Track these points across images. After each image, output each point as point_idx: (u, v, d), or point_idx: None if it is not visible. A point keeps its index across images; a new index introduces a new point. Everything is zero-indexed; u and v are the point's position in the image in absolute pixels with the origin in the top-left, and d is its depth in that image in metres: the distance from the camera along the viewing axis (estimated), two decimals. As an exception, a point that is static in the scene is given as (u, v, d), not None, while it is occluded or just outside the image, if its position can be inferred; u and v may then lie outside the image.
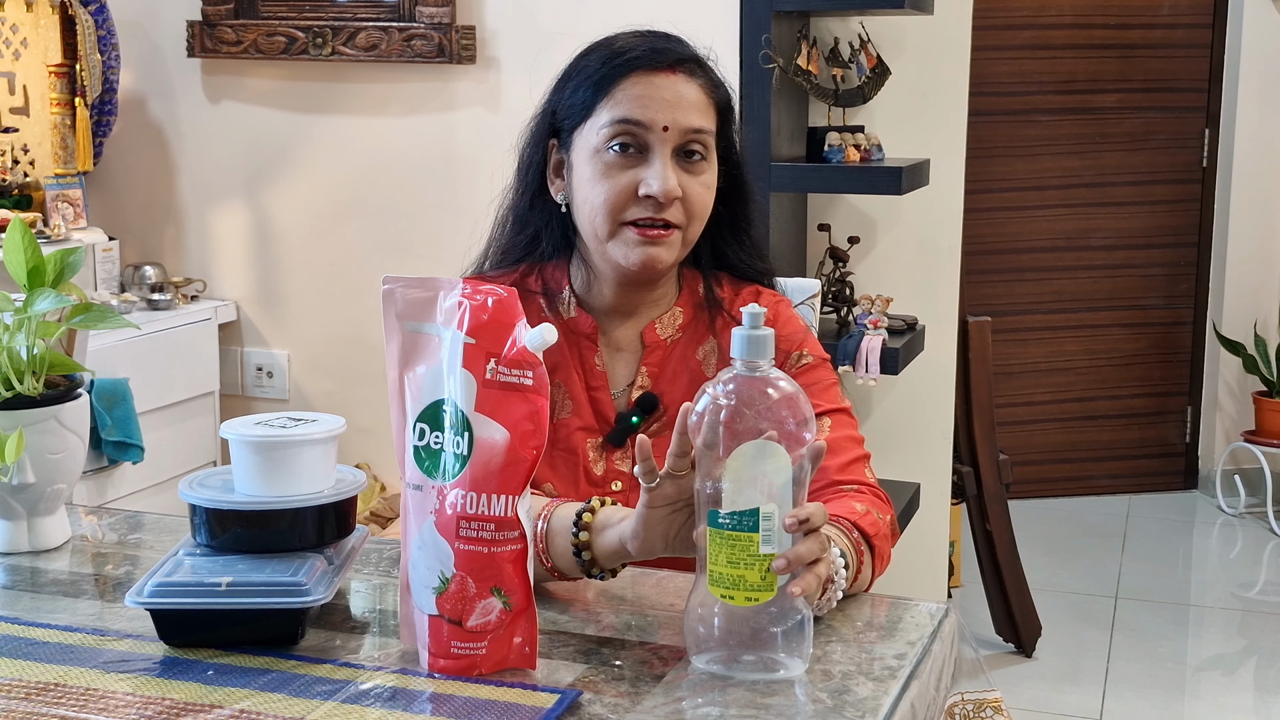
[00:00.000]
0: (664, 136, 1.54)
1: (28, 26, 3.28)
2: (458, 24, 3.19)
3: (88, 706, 1.15)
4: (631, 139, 1.55)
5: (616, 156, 1.55)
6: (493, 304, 1.22)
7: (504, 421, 1.20)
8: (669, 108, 1.55)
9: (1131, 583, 4.07)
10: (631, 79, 1.56)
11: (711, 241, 1.66)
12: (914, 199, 3.15)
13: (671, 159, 1.55)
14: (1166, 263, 4.88)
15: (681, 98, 1.56)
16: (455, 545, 1.20)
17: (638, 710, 1.15)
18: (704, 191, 1.58)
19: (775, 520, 1.19)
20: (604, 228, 1.56)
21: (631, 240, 1.55)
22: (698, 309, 1.66)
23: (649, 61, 1.57)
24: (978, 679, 1.51)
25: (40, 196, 3.29)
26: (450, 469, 1.20)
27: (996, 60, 4.58)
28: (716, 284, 1.67)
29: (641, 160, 1.55)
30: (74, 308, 1.53)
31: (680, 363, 1.63)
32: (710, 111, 1.59)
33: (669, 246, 1.56)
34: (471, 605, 1.20)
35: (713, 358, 1.64)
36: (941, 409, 3.28)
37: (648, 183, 1.53)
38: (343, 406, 3.34)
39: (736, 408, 1.20)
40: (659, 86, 1.56)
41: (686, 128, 1.55)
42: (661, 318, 1.64)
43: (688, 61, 1.59)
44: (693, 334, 1.65)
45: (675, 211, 1.55)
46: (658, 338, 1.64)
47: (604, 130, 1.56)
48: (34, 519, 1.56)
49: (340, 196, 3.38)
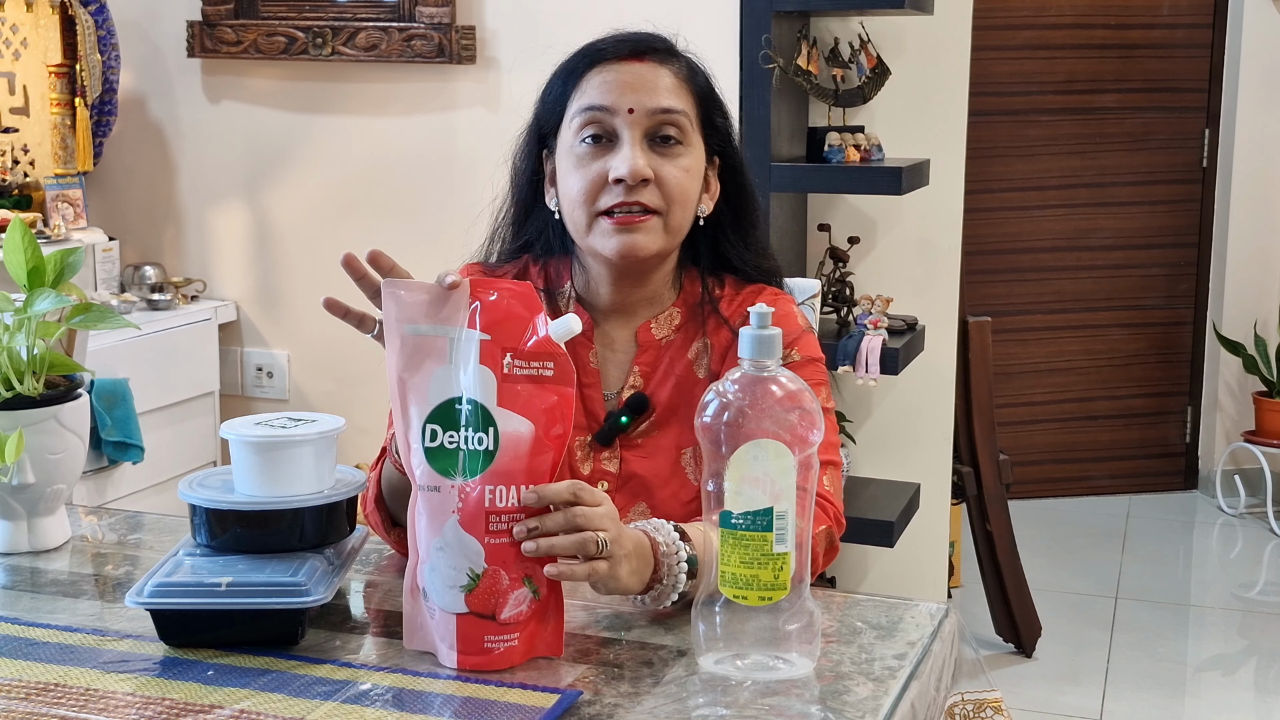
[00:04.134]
0: (630, 119, 1.54)
1: (28, 26, 3.28)
2: (458, 24, 3.19)
3: (88, 707, 1.15)
4: (600, 127, 1.55)
5: (588, 148, 1.56)
6: (507, 300, 1.23)
7: (527, 414, 1.21)
8: (632, 90, 1.55)
9: (1131, 583, 4.07)
10: (597, 69, 1.57)
11: (713, 242, 1.66)
12: (914, 199, 3.14)
13: (642, 142, 1.54)
14: (1166, 263, 4.88)
15: (646, 81, 1.56)
16: (485, 540, 1.20)
17: (638, 710, 1.15)
18: (681, 175, 1.56)
19: (788, 519, 1.19)
20: (582, 220, 1.56)
21: (608, 229, 1.55)
22: (694, 310, 1.64)
23: (614, 51, 1.58)
24: (978, 679, 1.51)
25: (40, 196, 3.29)
26: (471, 466, 1.21)
27: (996, 60, 4.58)
28: (718, 285, 1.66)
29: (612, 149, 1.55)
30: (74, 308, 1.53)
31: (672, 364, 1.62)
32: (684, 94, 1.58)
33: (648, 232, 1.55)
34: (505, 598, 1.21)
35: (703, 358, 1.62)
36: (941, 409, 3.28)
37: (615, 167, 1.53)
38: (343, 406, 3.34)
39: (741, 406, 1.19)
40: (623, 73, 1.56)
41: (653, 108, 1.55)
42: (657, 317, 1.63)
43: (658, 50, 1.59)
44: (687, 335, 1.64)
45: (650, 195, 1.54)
46: (652, 337, 1.63)
47: (574, 123, 1.57)
48: (34, 519, 1.56)
49: (340, 196, 3.38)
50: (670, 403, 1.60)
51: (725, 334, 1.61)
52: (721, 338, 1.61)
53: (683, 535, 1.34)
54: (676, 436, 1.59)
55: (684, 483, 1.58)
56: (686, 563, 1.32)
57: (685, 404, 1.59)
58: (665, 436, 1.59)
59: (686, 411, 1.59)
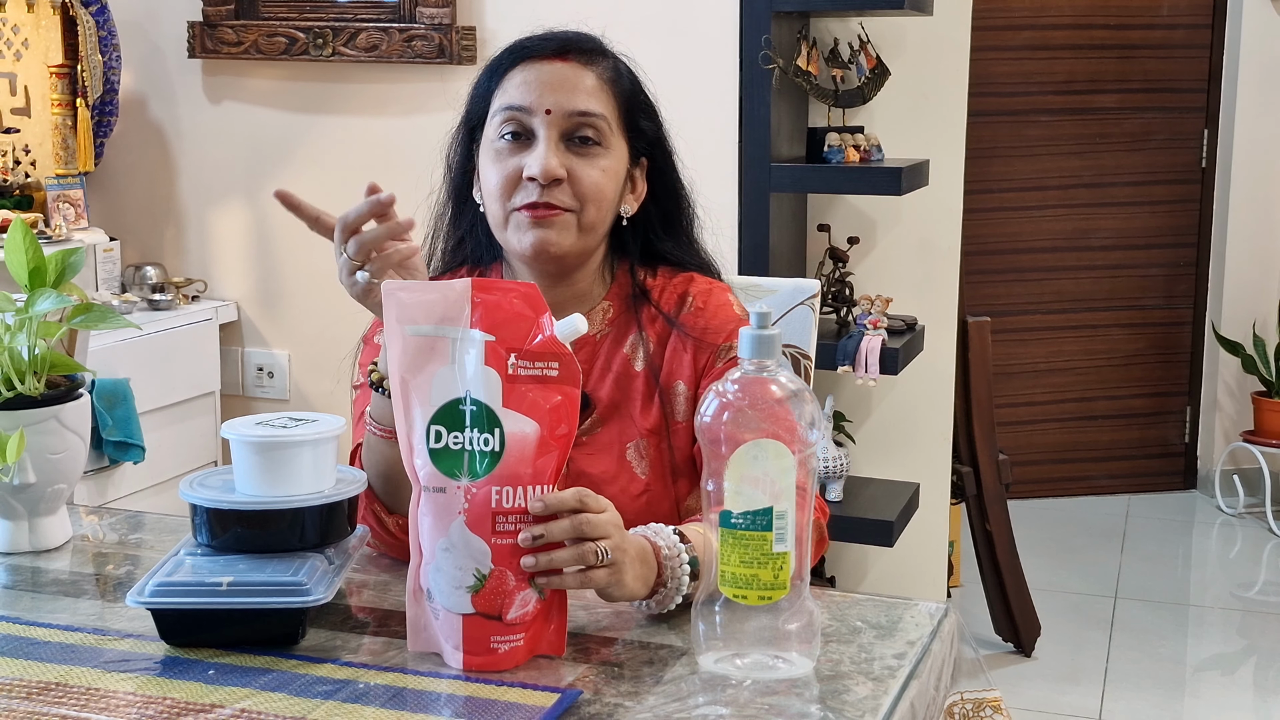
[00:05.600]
0: (547, 119, 1.55)
1: (29, 27, 3.29)
2: (458, 25, 3.19)
3: (89, 706, 1.16)
4: (518, 125, 1.57)
5: (506, 144, 1.58)
6: (510, 300, 1.23)
7: (532, 414, 1.22)
8: (551, 91, 1.56)
9: (1131, 583, 4.07)
10: (519, 67, 1.60)
11: (645, 240, 1.66)
12: (914, 199, 3.15)
13: (559, 143, 1.56)
14: (1166, 263, 4.88)
15: (566, 81, 1.57)
16: (492, 541, 1.21)
17: (638, 710, 1.15)
18: (597, 175, 1.57)
19: (788, 519, 1.19)
20: (498, 214, 1.58)
21: (523, 223, 1.56)
22: (626, 303, 1.64)
23: (538, 50, 1.60)
24: (977, 679, 1.51)
25: (41, 197, 3.30)
26: (478, 467, 1.21)
27: (996, 60, 4.58)
28: (650, 274, 1.66)
29: (529, 145, 1.57)
30: (75, 308, 1.53)
31: (608, 359, 1.62)
32: (605, 97, 1.59)
33: (560, 229, 1.55)
34: (511, 598, 1.21)
35: (640, 350, 1.62)
36: (941, 409, 3.28)
37: (529, 165, 1.55)
38: (343, 406, 3.32)
39: (741, 407, 1.20)
40: (544, 72, 1.58)
41: (570, 110, 1.56)
42: (589, 313, 1.63)
43: (585, 51, 1.60)
44: (621, 328, 1.63)
45: (561, 194, 1.55)
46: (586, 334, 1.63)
47: (495, 120, 1.59)
48: (35, 519, 1.56)
49: (340, 196, 3.36)
50: (610, 398, 1.60)
51: (661, 323, 1.62)
52: (658, 328, 1.62)
53: (682, 538, 1.34)
54: (620, 432, 1.59)
55: (632, 477, 1.57)
56: (689, 564, 1.32)
57: (625, 398, 1.60)
58: (608, 433, 1.59)
59: (628, 406, 1.59)
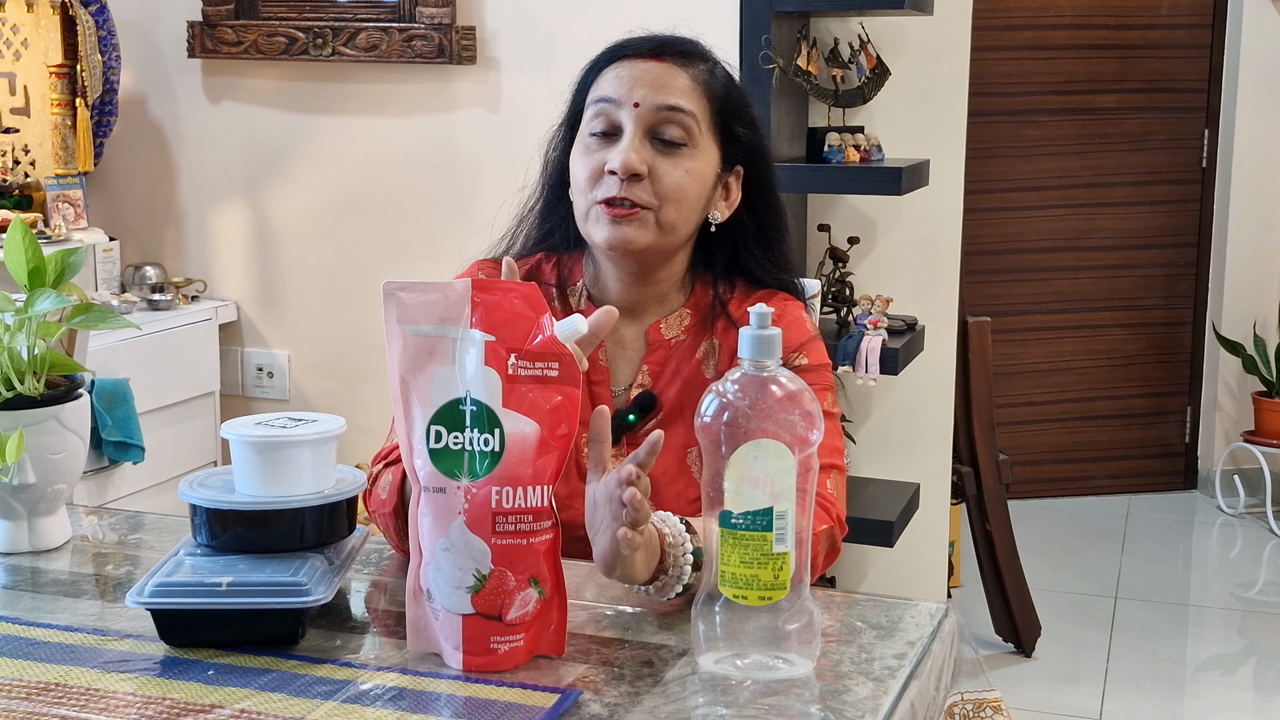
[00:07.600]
0: (634, 113, 1.56)
1: (28, 27, 3.29)
2: (458, 24, 3.19)
3: (88, 706, 1.16)
4: (607, 119, 1.58)
5: (596, 139, 1.59)
6: (510, 301, 1.23)
7: (532, 414, 1.22)
8: (641, 86, 1.57)
9: (1131, 583, 4.07)
10: (615, 64, 1.60)
11: (733, 250, 1.67)
12: (914, 199, 3.15)
13: (644, 139, 1.56)
14: (1166, 263, 4.88)
15: (659, 79, 1.57)
16: (492, 541, 1.21)
17: (638, 710, 1.15)
18: (680, 175, 1.57)
19: (788, 520, 1.19)
20: (581, 207, 1.59)
21: (602, 218, 1.57)
22: (705, 312, 1.66)
23: (635, 48, 1.60)
24: (978, 679, 1.51)
25: (41, 197, 3.30)
26: (478, 467, 1.21)
27: (996, 60, 4.58)
28: (729, 288, 1.67)
29: (615, 142, 1.57)
30: (74, 308, 1.53)
31: (680, 364, 1.63)
32: (696, 97, 1.59)
33: (638, 226, 1.56)
34: (511, 598, 1.21)
35: (711, 359, 1.63)
36: (941, 409, 3.28)
37: (611, 159, 1.55)
38: (343, 406, 3.34)
39: (741, 407, 1.20)
40: (638, 69, 1.58)
41: (658, 104, 1.56)
42: (668, 318, 1.65)
43: (681, 52, 1.60)
44: (697, 336, 1.65)
45: (641, 190, 1.55)
46: (662, 337, 1.64)
47: (588, 114, 1.60)
48: (34, 519, 1.56)
49: (340, 196, 3.38)
50: (677, 402, 1.61)
51: (734, 336, 1.62)
52: (730, 339, 1.62)
53: (688, 528, 1.34)
54: (683, 436, 1.60)
55: (690, 481, 1.58)
56: (691, 554, 1.32)
57: (692, 404, 1.59)
58: (672, 436, 1.59)
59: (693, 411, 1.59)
